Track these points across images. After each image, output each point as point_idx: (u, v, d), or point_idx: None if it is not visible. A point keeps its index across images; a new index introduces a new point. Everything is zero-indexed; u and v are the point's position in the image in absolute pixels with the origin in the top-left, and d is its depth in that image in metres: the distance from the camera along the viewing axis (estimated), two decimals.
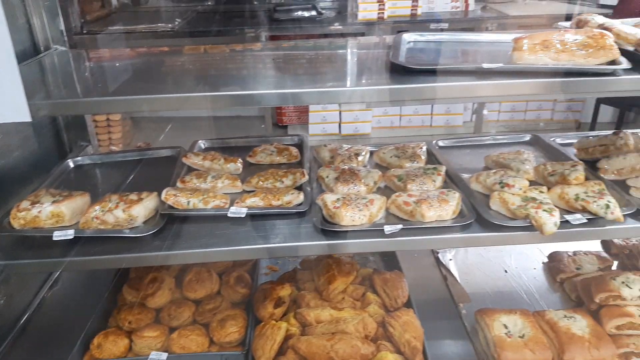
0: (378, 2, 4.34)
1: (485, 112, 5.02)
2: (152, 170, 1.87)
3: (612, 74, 1.32)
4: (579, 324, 1.57)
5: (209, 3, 5.20)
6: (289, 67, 1.61)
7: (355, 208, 1.42)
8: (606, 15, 1.72)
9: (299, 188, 1.60)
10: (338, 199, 1.46)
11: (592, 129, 4.43)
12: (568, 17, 1.76)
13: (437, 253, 2.04)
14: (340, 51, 1.81)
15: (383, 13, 4.35)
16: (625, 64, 1.33)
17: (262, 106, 1.22)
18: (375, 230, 1.41)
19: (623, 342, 1.54)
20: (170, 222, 1.47)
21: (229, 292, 1.67)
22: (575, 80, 1.32)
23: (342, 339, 1.38)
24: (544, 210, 1.39)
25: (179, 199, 1.49)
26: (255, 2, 5.02)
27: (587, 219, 1.41)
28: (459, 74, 1.34)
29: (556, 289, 1.86)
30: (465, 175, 1.67)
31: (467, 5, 4.52)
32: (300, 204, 1.51)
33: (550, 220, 1.36)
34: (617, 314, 1.57)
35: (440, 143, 1.97)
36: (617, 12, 3.75)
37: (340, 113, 4.86)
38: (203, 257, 1.35)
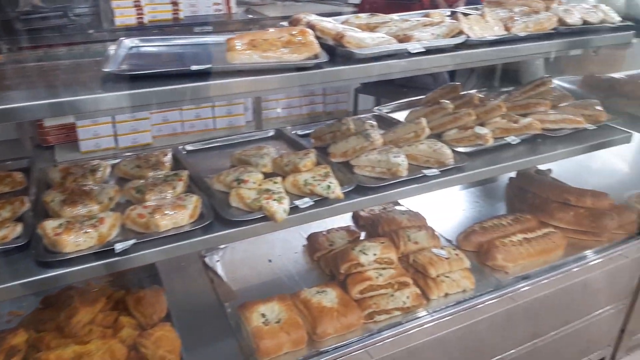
0: (135, 6, 4.14)
1: (280, 110, 5.24)
2: None
3: (315, 67, 1.44)
4: (329, 297, 1.71)
5: None
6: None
7: (81, 231, 1.31)
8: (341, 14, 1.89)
9: (22, 219, 1.42)
10: (60, 224, 1.33)
11: (355, 114, 4.93)
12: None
13: (204, 257, 2.03)
14: (72, 60, 1.65)
15: (142, 17, 4.17)
16: (324, 57, 1.46)
17: None
18: (107, 251, 1.32)
19: (366, 304, 1.73)
20: None
21: None
22: (281, 76, 1.40)
23: None
24: (274, 200, 1.46)
25: None
26: None
27: (314, 201, 1.53)
28: (173, 77, 1.31)
29: (314, 267, 2.01)
30: (210, 177, 1.68)
31: (229, 8, 4.60)
32: (18, 237, 1.33)
33: (280, 208, 1.44)
34: (358, 279, 1.75)
35: (189, 147, 1.95)
36: (360, 10, 4.22)
37: (114, 125, 4.53)
38: None
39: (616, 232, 2.16)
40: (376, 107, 2.33)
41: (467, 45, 1.64)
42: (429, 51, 1.56)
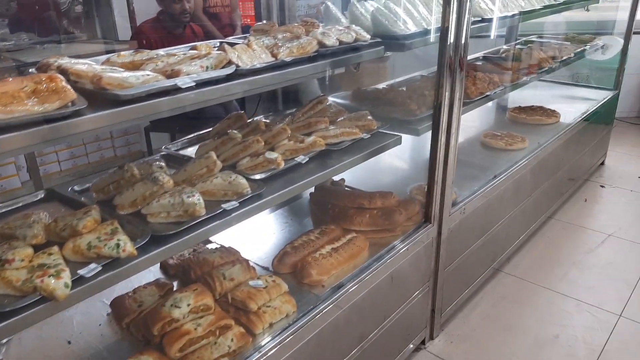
0: None
1: (62, 162, 4.62)
2: None
3: (73, 115, 1.27)
4: None
5: None
6: None
7: None
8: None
9: None
10: None
11: (150, 154, 4.66)
12: None
13: None
14: None
15: None
16: (82, 103, 1.30)
17: None
18: None
19: None
20: None
21: None
22: (31, 131, 1.20)
23: None
24: (51, 276, 1.24)
25: None
26: None
27: (103, 265, 1.34)
28: None
29: (124, 336, 1.78)
30: None
31: None
32: None
33: (59, 284, 1.22)
34: (175, 337, 1.60)
35: None
36: (131, 46, 3.99)
37: None
38: None
39: (407, 224, 2.40)
40: (164, 146, 2.21)
41: (239, 74, 1.65)
42: (202, 84, 1.52)
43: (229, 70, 1.61)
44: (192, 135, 2.36)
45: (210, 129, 2.36)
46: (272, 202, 1.75)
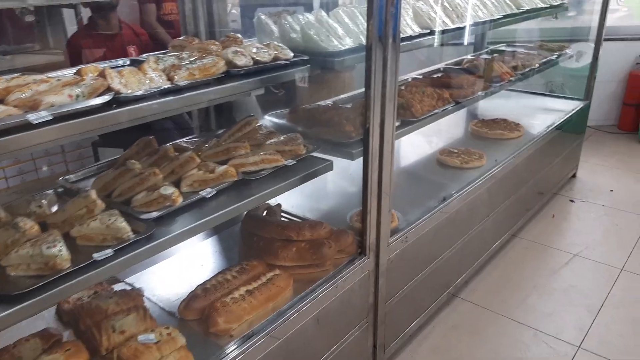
0: None
1: (8, 178, 4.38)
2: None
3: None
4: None
5: None
6: None
7: None
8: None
9: None
10: None
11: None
12: None
13: None
14: None
15: None
16: None
17: None
18: None
19: None
20: None
21: None
22: None
23: None
24: None
25: None
26: None
27: None
28: None
29: None
30: None
31: None
32: None
33: None
34: None
35: None
36: (72, 60, 3.77)
37: None
38: None
39: (339, 257, 2.20)
40: (62, 177, 2.00)
41: (117, 102, 1.45)
42: (67, 116, 1.32)
43: (102, 99, 1.41)
44: (101, 162, 2.16)
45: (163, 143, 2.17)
46: (159, 248, 1.55)
